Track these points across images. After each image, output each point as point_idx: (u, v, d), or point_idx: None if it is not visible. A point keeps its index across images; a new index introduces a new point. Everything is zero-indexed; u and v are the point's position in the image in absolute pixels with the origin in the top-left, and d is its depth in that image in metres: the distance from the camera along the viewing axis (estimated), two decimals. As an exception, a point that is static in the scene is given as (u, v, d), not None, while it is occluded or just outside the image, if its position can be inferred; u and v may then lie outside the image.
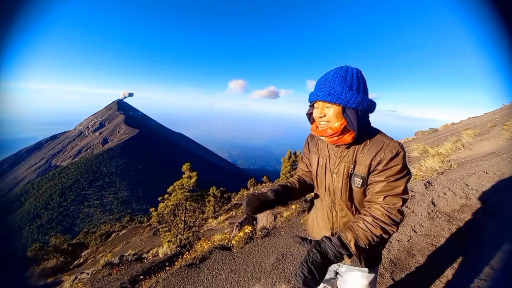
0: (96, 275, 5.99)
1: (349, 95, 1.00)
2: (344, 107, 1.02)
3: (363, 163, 1.07)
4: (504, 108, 10.39)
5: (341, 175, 1.13)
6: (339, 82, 1.02)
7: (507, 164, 3.58)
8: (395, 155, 1.01)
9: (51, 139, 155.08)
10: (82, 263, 14.72)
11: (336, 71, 1.04)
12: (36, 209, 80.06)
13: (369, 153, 1.06)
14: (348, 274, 1.25)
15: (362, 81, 1.05)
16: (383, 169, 1.02)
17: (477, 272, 1.96)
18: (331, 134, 1.06)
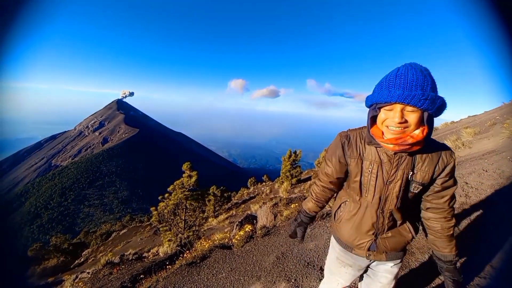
0: (97, 274, 6.00)
1: (440, 101, 0.87)
2: (430, 113, 0.89)
3: (425, 170, 1.05)
4: (503, 107, 10.39)
5: (398, 182, 1.06)
6: (429, 84, 0.87)
7: (507, 163, 3.59)
8: (454, 159, 1.08)
9: (51, 139, 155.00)
10: (82, 263, 14.75)
11: (417, 71, 0.88)
12: (37, 209, 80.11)
13: (431, 160, 1.05)
14: (380, 267, 1.28)
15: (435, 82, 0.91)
16: (449, 176, 1.08)
17: (476, 270, 1.97)
18: (411, 143, 0.92)
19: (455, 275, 1.15)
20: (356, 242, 1.22)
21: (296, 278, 2.60)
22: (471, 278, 1.91)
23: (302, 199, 6.89)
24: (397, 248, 1.20)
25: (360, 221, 1.19)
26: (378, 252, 1.20)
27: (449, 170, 1.06)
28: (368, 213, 1.15)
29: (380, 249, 1.19)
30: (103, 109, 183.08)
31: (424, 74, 0.87)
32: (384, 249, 1.19)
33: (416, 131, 0.92)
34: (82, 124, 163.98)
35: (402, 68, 0.90)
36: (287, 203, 6.55)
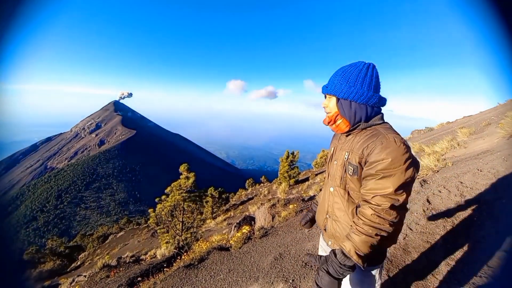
0: (94, 277, 5.95)
1: (342, 86, 1.10)
2: (338, 98, 1.13)
3: (355, 151, 1.11)
4: (498, 107, 10.52)
5: (339, 162, 1.20)
6: (338, 76, 1.13)
7: (502, 162, 3.63)
8: (386, 146, 0.98)
9: (47, 141, 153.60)
10: (79, 266, 14.61)
11: (344, 66, 1.15)
12: (32, 211, 79.23)
13: (363, 142, 1.09)
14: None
15: (364, 76, 1.10)
16: (373, 161, 1.02)
17: (472, 269, 1.99)
18: (328, 122, 1.20)
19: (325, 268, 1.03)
20: (319, 219, 1.35)
21: (294, 278, 2.60)
22: (467, 276, 1.93)
23: (300, 200, 6.90)
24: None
25: (322, 198, 1.35)
26: (330, 235, 1.26)
27: (374, 153, 1.01)
28: (326, 192, 1.31)
29: (329, 230, 1.25)
30: (99, 111, 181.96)
31: (341, 68, 1.14)
32: (333, 233, 1.23)
33: (331, 113, 1.18)
34: (79, 126, 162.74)
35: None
36: (285, 204, 6.56)
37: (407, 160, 0.97)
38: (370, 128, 1.12)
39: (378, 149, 1.00)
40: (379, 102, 1.12)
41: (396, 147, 0.98)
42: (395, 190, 0.97)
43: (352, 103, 1.11)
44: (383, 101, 1.14)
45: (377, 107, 1.14)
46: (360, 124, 1.14)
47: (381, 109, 1.17)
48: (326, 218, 1.28)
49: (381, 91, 1.16)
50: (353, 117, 1.12)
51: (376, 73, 1.13)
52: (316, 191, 8.30)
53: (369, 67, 1.11)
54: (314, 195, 7.13)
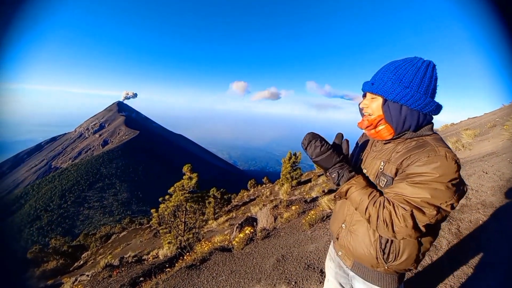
0: (96, 277, 5.98)
1: (393, 87, 0.92)
2: (387, 99, 0.94)
3: (393, 162, 0.96)
4: (503, 109, 10.41)
5: (371, 171, 1.05)
6: (388, 73, 0.94)
7: (507, 165, 3.59)
8: (434, 161, 0.83)
9: (51, 141, 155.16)
10: (82, 265, 14.70)
11: (396, 61, 0.96)
12: (36, 211, 79.94)
13: (404, 152, 0.93)
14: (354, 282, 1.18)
15: (423, 77, 0.91)
16: (412, 172, 0.87)
17: (476, 272, 1.97)
18: (367, 126, 1.01)
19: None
20: (334, 228, 1.22)
21: (297, 280, 2.59)
22: (471, 279, 1.91)
23: (302, 201, 6.88)
24: (360, 257, 1.06)
25: (338, 206, 1.23)
26: (342, 245, 1.14)
27: (415, 165, 0.86)
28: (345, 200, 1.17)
29: (342, 240, 1.13)
30: (103, 111, 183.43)
31: (393, 64, 0.95)
32: (347, 244, 1.11)
33: (373, 116, 0.99)
34: (83, 126, 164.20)
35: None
36: (287, 205, 6.54)
37: (454, 180, 0.82)
38: (417, 138, 0.95)
39: (423, 162, 0.85)
40: (436, 110, 0.94)
41: (446, 164, 0.82)
42: (426, 201, 0.82)
43: (403, 108, 0.92)
44: (439, 109, 0.95)
45: (429, 116, 0.95)
46: (406, 133, 0.96)
47: (433, 118, 0.98)
48: (341, 227, 1.16)
49: None
50: (401, 124, 0.93)
51: (436, 74, 0.93)
52: (319, 192, 8.27)
53: (429, 66, 0.92)
54: (317, 197, 7.10)
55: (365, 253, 1.03)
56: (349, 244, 1.10)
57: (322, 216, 4.31)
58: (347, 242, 1.11)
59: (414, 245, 0.96)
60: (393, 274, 1.04)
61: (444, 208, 0.83)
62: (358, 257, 1.07)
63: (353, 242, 1.08)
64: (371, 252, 1.01)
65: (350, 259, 1.15)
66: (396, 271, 1.02)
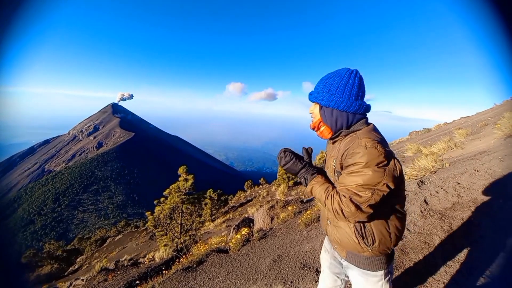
0: (91, 281, 5.90)
1: (323, 94, 1.15)
2: (321, 105, 1.18)
3: (338, 158, 1.15)
4: (495, 108, 10.60)
5: (329, 169, 1.25)
6: (321, 84, 1.18)
7: (498, 163, 3.65)
8: (357, 151, 1.02)
9: (44, 143, 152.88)
10: (77, 270, 14.48)
11: (328, 74, 1.19)
12: (30, 215, 78.62)
13: (343, 148, 1.13)
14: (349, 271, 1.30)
15: (346, 84, 1.12)
16: (348, 164, 1.06)
17: (470, 269, 2.00)
18: (312, 128, 1.25)
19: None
20: (323, 223, 1.40)
21: (293, 280, 2.60)
22: (464, 277, 1.94)
23: (299, 202, 6.90)
24: (347, 246, 1.21)
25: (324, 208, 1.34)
26: (331, 239, 1.31)
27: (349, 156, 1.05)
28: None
29: (331, 236, 1.29)
30: (98, 113, 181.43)
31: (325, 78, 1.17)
32: (334, 238, 1.26)
33: (315, 119, 1.23)
34: (76, 129, 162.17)
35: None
36: (284, 205, 6.56)
37: (380, 163, 0.99)
38: (351, 133, 1.15)
39: (351, 154, 1.04)
40: (359, 109, 1.13)
41: (367, 151, 1.00)
42: (360, 186, 1.00)
43: (334, 111, 1.14)
44: (364, 107, 1.14)
45: (359, 114, 1.15)
46: (342, 131, 1.17)
47: (365, 114, 1.18)
48: (327, 224, 1.32)
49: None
50: (335, 124, 1.16)
51: (359, 80, 1.13)
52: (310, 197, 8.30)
53: (351, 74, 1.13)
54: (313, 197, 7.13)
55: (350, 242, 1.18)
56: (336, 237, 1.25)
57: (318, 216, 4.33)
58: (335, 236, 1.26)
59: (382, 224, 1.13)
60: (380, 256, 1.18)
61: (379, 189, 1.00)
62: (347, 246, 1.21)
63: (339, 235, 1.23)
64: (354, 240, 1.16)
65: (343, 251, 1.27)
66: (380, 252, 1.16)
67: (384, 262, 1.20)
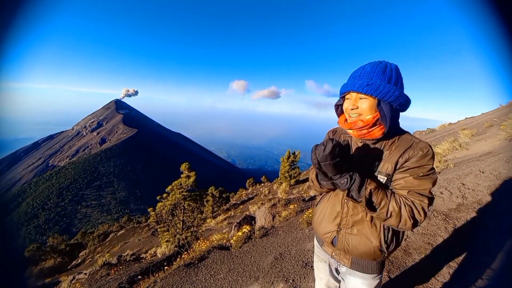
0: (94, 275, 5.97)
1: (387, 88, 0.97)
2: (380, 100, 0.99)
3: (389, 161, 1.03)
4: (501, 109, 10.46)
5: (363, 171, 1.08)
6: (378, 74, 0.99)
7: (504, 164, 3.61)
8: (425, 154, 0.97)
9: (48, 139, 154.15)
10: (80, 264, 14.66)
11: (374, 64, 1.02)
12: (34, 209, 79.54)
13: (397, 151, 1.02)
14: (348, 278, 1.23)
15: (401, 77, 1.02)
16: (411, 166, 0.98)
17: (473, 271, 1.98)
18: (361, 126, 1.02)
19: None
20: (323, 231, 1.24)
21: (294, 278, 2.60)
22: (468, 278, 1.92)
23: (300, 200, 6.89)
24: (362, 254, 1.11)
25: (328, 209, 1.24)
26: (339, 248, 1.17)
27: (413, 160, 0.98)
28: (335, 200, 1.21)
29: (341, 244, 1.16)
30: (101, 109, 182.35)
31: (376, 67, 1.00)
32: (345, 247, 1.14)
33: (367, 116, 1.02)
34: (80, 124, 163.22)
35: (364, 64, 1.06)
36: (285, 204, 6.55)
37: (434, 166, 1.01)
38: (398, 135, 1.06)
39: (420, 156, 0.98)
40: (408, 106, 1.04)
41: (432, 154, 0.99)
42: (431, 190, 0.97)
43: (392, 107, 1.01)
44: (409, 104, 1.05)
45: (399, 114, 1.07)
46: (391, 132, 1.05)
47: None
48: (336, 231, 1.18)
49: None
50: (391, 122, 1.02)
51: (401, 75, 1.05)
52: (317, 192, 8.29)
53: (398, 68, 1.03)
54: (315, 196, 7.12)
55: (369, 249, 1.09)
56: (348, 245, 1.14)
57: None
58: (346, 244, 1.15)
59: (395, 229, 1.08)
60: (383, 260, 1.16)
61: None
62: (360, 254, 1.12)
63: (354, 242, 1.12)
64: (375, 246, 1.08)
65: (348, 259, 1.18)
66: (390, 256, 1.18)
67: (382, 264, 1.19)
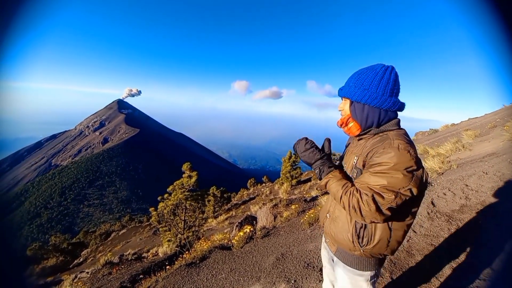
0: (96, 274, 6.00)
1: (355, 89, 1.10)
2: (352, 100, 1.13)
3: (362, 155, 1.12)
4: (504, 109, 10.39)
5: (348, 165, 1.21)
6: (353, 78, 1.13)
7: (507, 165, 3.58)
8: (388, 152, 0.97)
9: (51, 138, 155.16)
10: (82, 262, 14.72)
11: (361, 69, 1.14)
12: (36, 208, 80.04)
13: (370, 147, 1.09)
14: (336, 267, 1.32)
15: (381, 79, 1.07)
16: (373, 163, 1.01)
17: (476, 273, 1.97)
18: (340, 124, 1.20)
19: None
20: (321, 217, 1.40)
21: (296, 279, 2.59)
22: (470, 280, 1.91)
23: (302, 201, 6.88)
24: (340, 241, 1.19)
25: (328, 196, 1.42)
26: (327, 232, 1.30)
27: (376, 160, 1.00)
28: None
29: (327, 228, 1.29)
30: (103, 109, 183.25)
31: (357, 71, 1.13)
32: (329, 231, 1.26)
33: (344, 115, 1.19)
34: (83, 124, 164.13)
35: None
36: (287, 204, 6.55)
37: (409, 167, 0.95)
38: (381, 133, 1.10)
39: (380, 153, 1.00)
40: (393, 106, 1.07)
41: (399, 154, 0.95)
42: (384, 187, 0.95)
43: (365, 107, 1.09)
44: (399, 105, 1.09)
45: (391, 112, 1.10)
46: (371, 129, 1.13)
47: (397, 114, 1.12)
48: (326, 217, 1.33)
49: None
50: (365, 120, 1.11)
51: (395, 76, 1.08)
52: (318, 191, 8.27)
53: (387, 69, 1.08)
54: (317, 196, 7.10)
55: (344, 238, 1.17)
56: (331, 231, 1.25)
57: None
58: (330, 230, 1.26)
59: (385, 230, 1.08)
60: (370, 258, 1.16)
61: (402, 193, 0.95)
62: (339, 242, 1.21)
63: (334, 229, 1.23)
64: (348, 237, 1.14)
65: (334, 245, 1.29)
66: (372, 255, 1.13)
67: (373, 264, 1.18)
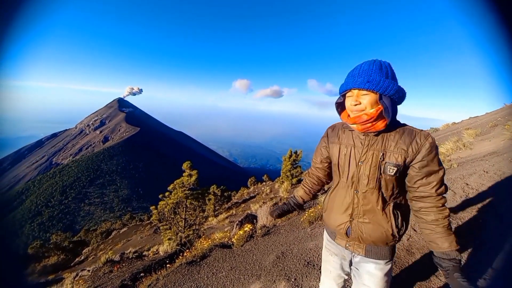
0: (97, 272, 6.02)
1: (386, 83, 1.05)
2: (381, 94, 1.06)
3: (397, 152, 1.10)
4: (505, 108, 10.36)
5: (368, 162, 1.14)
6: (376, 71, 1.06)
7: (508, 164, 3.58)
8: (433, 142, 1.07)
9: (52, 137, 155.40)
10: (83, 261, 14.79)
11: (370, 63, 1.09)
12: (37, 206, 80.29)
13: (403, 141, 1.09)
14: (362, 265, 1.26)
15: (394, 73, 1.11)
16: (428, 159, 1.07)
17: (476, 271, 1.97)
18: (366, 120, 1.08)
19: (461, 275, 1.01)
20: (336, 223, 1.29)
21: (296, 277, 2.60)
22: (471, 278, 1.91)
23: (302, 199, 6.88)
24: (376, 240, 1.18)
25: (339, 202, 1.28)
26: (354, 238, 1.23)
27: (425, 152, 1.07)
28: (344, 192, 1.25)
29: (355, 233, 1.22)
30: (104, 108, 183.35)
31: (372, 65, 1.08)
32: (359, 235, 1.20)
33: (371, 110, 1.08)
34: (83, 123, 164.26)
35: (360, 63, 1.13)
36: (287, 203, 6.54)
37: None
38: (399, 127, 1.14)
39: (428, 146, 1.07)
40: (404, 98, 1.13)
41: (434, 144, 1.09)
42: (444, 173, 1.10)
43: (391, 100, 1.07)
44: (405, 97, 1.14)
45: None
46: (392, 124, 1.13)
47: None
48: (349, 221, 1.23)
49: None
50: (392, 114, 1.08)
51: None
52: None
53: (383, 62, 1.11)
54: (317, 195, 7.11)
55: (382, 234, 1.16)
56: (362, 233, 1.20)
57: (321, 214, 4.32)
58: (360, 232, 1.21)
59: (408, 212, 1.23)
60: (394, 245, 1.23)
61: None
62: (374, 241, 1.19)
63: (367, 230, 1.19)
64: (389, 231, 1.15)
65: (362, 248, 1.24)
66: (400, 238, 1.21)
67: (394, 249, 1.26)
